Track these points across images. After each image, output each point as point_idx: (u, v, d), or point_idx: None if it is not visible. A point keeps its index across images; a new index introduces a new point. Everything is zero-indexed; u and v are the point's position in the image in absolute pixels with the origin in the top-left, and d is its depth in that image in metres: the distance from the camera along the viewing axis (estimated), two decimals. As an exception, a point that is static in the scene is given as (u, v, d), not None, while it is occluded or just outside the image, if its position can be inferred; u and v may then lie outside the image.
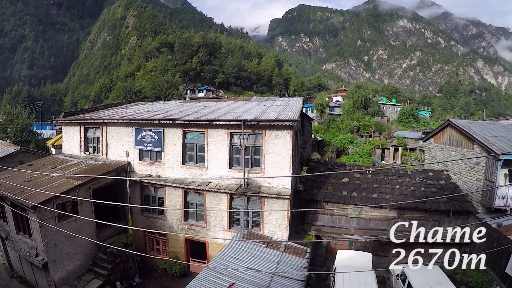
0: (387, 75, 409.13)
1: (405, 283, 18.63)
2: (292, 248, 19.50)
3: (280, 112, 21.60)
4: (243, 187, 20.16)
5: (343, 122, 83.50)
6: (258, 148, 20.18)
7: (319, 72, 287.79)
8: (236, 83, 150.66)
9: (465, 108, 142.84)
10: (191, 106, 28.08)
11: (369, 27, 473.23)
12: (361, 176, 27.05)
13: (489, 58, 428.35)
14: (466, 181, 26.86)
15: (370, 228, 23.73)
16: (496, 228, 21.10)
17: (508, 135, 27.73)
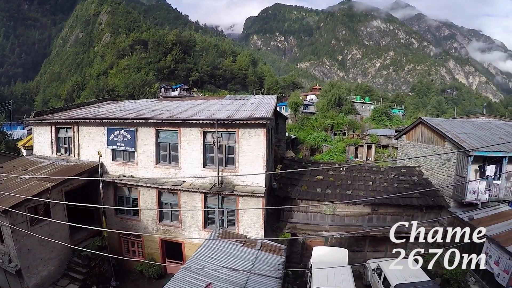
0: (360, 74, 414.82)
1: (381, 277, 19.06)
2: (268, 246, 19.61)
3: (253, 111, 21.62)
4: (217, 186, 20.07)
5: (317, 120, 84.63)
6: (231, 147, 20.13)
7: (293, 71, 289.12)
8: (210, 82, 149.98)
9: (437, 107, 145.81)
10: (165, 105, 27.75)
11: (344, 27, 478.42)
12: (335, 174, 27.34)
13: (460, 58, 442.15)
14: (438, 177, 27.50)
15: (345, 224, 24.09)
16: (468, 222, 21.83)
17: (478, 132, 28.58)
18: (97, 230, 21.12)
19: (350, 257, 21.88)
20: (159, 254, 22.72)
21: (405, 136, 34.42)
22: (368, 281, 21.34)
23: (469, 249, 20.54)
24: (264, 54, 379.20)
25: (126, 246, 23.89)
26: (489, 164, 24.46)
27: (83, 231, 20.77)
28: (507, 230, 19.80)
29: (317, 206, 24.12)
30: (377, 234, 23.27)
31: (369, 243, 24.42)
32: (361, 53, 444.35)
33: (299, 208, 24.03)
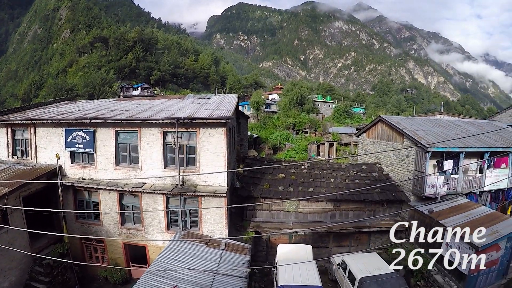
0: (322, 74, 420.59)
1: (346, 271, 19.41)
2: (233, 245, 19.53)
3: (214, 110, 21.40)
4: (179, 187, 19.79)
5: (279, 119, 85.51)
6: (192, 147, 19.89)
7: (256, 70, 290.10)
8: (172, 81, 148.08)
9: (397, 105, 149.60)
10: (124, 105, 27.07)
11: (307, 27, 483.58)
12: (297, 172, 27.63)
13: (420, 59, 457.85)
14: (397, 172, 28.23)
15: (308, 221, 24.45)
16: (428, 214, 22.77)
17: (435, 129, 29.73)
18: (58, 237, 20.31)
19: (315, 253, 22.27)
20: (123, 258, 22.14)
21: (365, 133, 35.10)
22: (333, 276, 21.70)
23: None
24: (227, 53, 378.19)
25: (88, 252, 23.07)
26: (446, 159, 25.53)
27: (43, 238, 19.99)
28: (465, 221, 20.77)
29: (280, 204, 24.32)
30: (340, 230, 23.82)
31: (333, 239, 24.92)
32: (323, 53, 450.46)
33: (262, 206, 24.17)
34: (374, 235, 25.72)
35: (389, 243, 25.15)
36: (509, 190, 29.44)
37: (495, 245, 18.54)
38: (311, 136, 74.11)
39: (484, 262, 18.14)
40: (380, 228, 25.02)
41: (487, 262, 18.49)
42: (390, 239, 10.25)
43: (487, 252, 18.14)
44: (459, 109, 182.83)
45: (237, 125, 34.07)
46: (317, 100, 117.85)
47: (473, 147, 26.23)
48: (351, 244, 25.37)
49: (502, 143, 28.76)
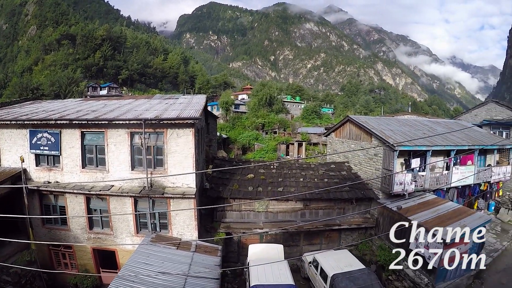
0: (292, 74, 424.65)
1: (318, 269, 19.63)
2: (203, 247, 19.34)
3: (182, 110, 21.09)
4: (147, 189, 19.40)
5: (248, 120, 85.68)
6: (160, 148, 19.55)
7: (225, 70, 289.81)
8: (140, 80, 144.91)
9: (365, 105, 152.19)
10: (91, 105, 26.32)
11: (277, 28, 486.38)
12: (266, 171, 27.64)
13: (388, 61, 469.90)
14: (366, 171, 28.67)
15: (278, 221, 24.48)
16: (397, 211, 23.15)
17: (403, 128, 30.39)
18: (24, 244, 19.54)
19: (286, 252, 22.41)
20: (92, 264, 21.43)
21: (334, 133, 35.47)
22: (306, 274, 21.86)
23: (399, 236, 21.91)
24: (197, 53, 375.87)
25: (57, 259, 22.19)
26: (414, 157, 26.13)
27: (9, 245, 19.16)
28: (433, 217, 21.43)
29: (250, 204, 24.26)
30: (310, 228, 24.02)
31: (304, 237, 25.11)
32: (293, 54, 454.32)
33: (232, 207, 24.06)
34: (345, 232, 26.10)
35: (359, 240, 25.73)
36: (475, 186, 30.70)
37: (463, 239, 19.05)
38: (280, 136, 74.47)
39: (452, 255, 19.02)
40: (350, 226, 25.45)
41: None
42: (390, 239, 10.24)
43: (455, 245, 18.73)
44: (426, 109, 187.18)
45: (206, 126, 33.77)
46: (286, 100, 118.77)
47: (439, 146, 26.97)
48: (322, 242, 25.63)
49: (467, 141, 29.82)
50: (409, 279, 20.54)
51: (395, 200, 24.87)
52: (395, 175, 24.29)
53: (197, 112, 20.12)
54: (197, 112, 20.30)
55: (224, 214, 24.26)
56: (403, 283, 20.92)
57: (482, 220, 21.39)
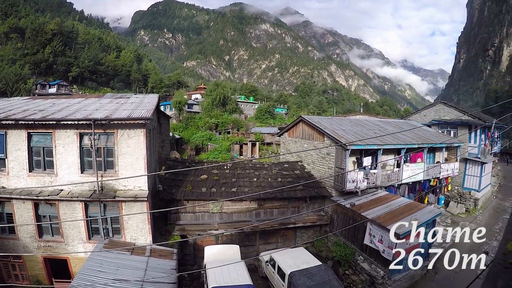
0: (246, 74, 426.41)
1: (275, 268, 19.81)
2: (158, 251, 18.91)
3: (133, 110, 20.40)
4: (98, 193, 18.59)
5: (201, 120, 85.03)
6: (110, 149, 18.77)
7: (179, 69, 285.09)
8: (91, 78, 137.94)
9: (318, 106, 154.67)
10: (38, 104, 24.93)
11: (233, 28, 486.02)
12: (219, 172, 27.47)
13: (341, 63, 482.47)
14: (319, 170, 29.13)
15: (233, 221, 24.39)
16: (350, 208, 23.75)
17: (355, 128, 31.18)
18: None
19: (243, 252, 22.40)
20: (44, 274, 20.22)
21: (287, 133, 35.88)
22: (263, 273, 22.01)
23: (354, 232, 22.71)
24: (151, 50, 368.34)
25: (6, 270, 20.68)
26: (365, 156, 26.95)
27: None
28: (386, 212, 22.21)
29: (204, 206, 23.99)
30: (266, 228, 24.09)
31: (260, 237, 25.19)
32: (248, 54, 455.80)
33: (185, 209, 23.58)
34: (300, 230, 26.47)
35: (314, 237, 26.07)
36: (425, 182, 32.31)
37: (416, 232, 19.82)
38: (234, 136, 74.70)
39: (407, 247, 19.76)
40: (305, 224, 25.78)
41: (409, 248, 19.85)
42: (390, 239, 10.29)
43: (408, 238, 19.50)
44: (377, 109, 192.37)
45: (158, 126, 32.98)
46: (240, 100, 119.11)
47: (390, 144, 27.97)
48: (278, 241, 25.85)
49: (417, 140, 31.21)
50: (365, 273, 21.15)
51: (348, 198, 25.60)
52: (348, 173, 24.85)
53: (149, 112, 19.52)
54: (149, 112, 19.69)
55: (178, 216, 23.81)
56: (359, 276, 21.50)
57: (432, 214, 22.50)
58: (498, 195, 43.67)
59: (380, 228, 20.48)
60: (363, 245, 22.08)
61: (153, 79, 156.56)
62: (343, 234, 24.38)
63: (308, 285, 17.23)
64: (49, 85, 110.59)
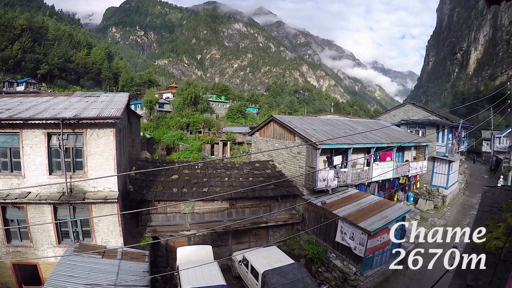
0: (218, 74, 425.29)
1: (248, 267, 19.86)
2: (130, 253, 18.52)
3: (103, 109, 19.87)
4: (67, 195, 18.00)
5: (172, 119, 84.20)
6: (79, 150, 18.24)
7: (151, 67, 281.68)
8: (61, 76, 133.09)
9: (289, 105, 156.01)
10: (5, 102, 24.02)
11: (206, 27, 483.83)
12: (190, 172, 27.27)
13: (313, 64, 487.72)
14: (290, 169, 29.34)
15: (205, 221, 24.30)
16: (321, 206, 24.01)
17: (325, 128, 31.54)
18: None
19: (216, 252, 22.32)
20: (14, 281, 19.30)
21: (258, 132, 35.97)
22: (237, 273, 21.99)
23: (325, 230, 23.08)
24: (122, 48, 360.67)
25: None
26: (336, 155, 27.29)
27: None
28: (356, 210, 22.62)
29: (175, 206, 23.76)
30: (238, 227, 24.10)
31: (232, 237, 25.17)
32: (220, 53, 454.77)
33: (157, 210, 23.30)
34: (272, 229, 26.61)
35: (287, 236, 26.29)
36: (394, 180, 33.12)
37: (385, 228, 20.49)
38: (205, 135, 74.36)
39: (377, 244, 20.20)
40: (277, 223, 25.98)
41: (380, 244, 20.45)
42: (390, 239, 10.37)
43: (379, 235, 19.97)
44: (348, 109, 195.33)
45: (129, 125, 32.46)
46: (211, 100, 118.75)
47: (360, 144, 28.53)
48: (250, 240, 25.90)
49: (386, 139, 31.91)
50: (338, 270, 21.42)
51: (319, 196, 25.90)
52: (318, 172, 25.20)
53: (119, 111, 19.08)
54: (119, 111, 19.24)
55: (149, 217, 23.52)
56: (332, 273, 21.77)
57: (402, 211, 23.12)
58: (465, 192, 45.37)
59: (351, 226, 20.84)
60: (335, 243, 22.39)
61: (124, 78, 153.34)
62: (315, 232, 24.63)
63: (281, 284, 17.33)
64: (17, 83, 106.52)
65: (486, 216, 10.03)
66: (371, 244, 19.94)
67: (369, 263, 20.74)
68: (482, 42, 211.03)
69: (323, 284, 21.73)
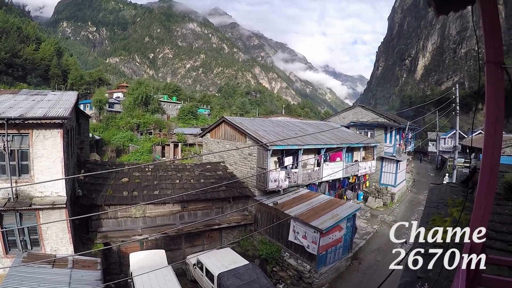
0: (170, 74, 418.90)
1: (203, 270, 19.75)
2: (81, 262, 17.76)
3: (50, 108, 18.75)
4: (13, 201, 16.84)
5: (123, 120, 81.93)
6: (25, 152, 17.09)
7: (101, 65, 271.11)
8: (7, 72, 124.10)
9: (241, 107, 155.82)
10: None
11: (160, 25, 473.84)
12: (141, 175, 26.67)
13: (266, 66, 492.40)
14: (241, 170, 29.48)
15: (157, 225, 23.76)
16: (273, 206, 24.32)
17: (276, 129, 32.03)
18: None
19: (169, 256, 21.93)
20: None
21: (209, 134, 35.82)
22: (192, 276, 21.73)
23: (278, 230, 23.46)
24: (72, 44, 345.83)
25: None
26: (286, 156, 27.83)
27: None
28: (308, 209, 23.13)
29: (126, 210, 23.03)
30: (191, 230, 23.82)
31: (185, 240, 24.86)
32: (173, 53, 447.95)
33: (107, 214, 22.50)
34: (225, 231, 26.59)
35: (240, 237, 26.40)
36: (344, 179, 34.37)
37: (337, 226, 21.27)
38: (156, 137, 73.37)
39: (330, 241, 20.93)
40: (230, 224, 25.95)
41: (332, 241, 21.09)
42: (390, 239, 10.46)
43: (331, 233, 20.62)
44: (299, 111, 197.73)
45: (77, 126, 31.11)
46: (163, 100, 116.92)
47: (310, 145, 29.21)
48: (204, 243, 25.70)
49: (336, 140, 32.90)
50: (292, 268, 21.84)
51: (271, 196, 26.22)
52: (270, 173, 25.48)
53: (67, 111, 18.09)
54: (67, 110, 18.24)
55: (100, 223, 22.59)
56: (287, 272, 22.11)
57: (352, 209, 23.91)
58: (412, 190, 47.87)
59: (303, 225, 21.27)
60: (288, 242, 22.75)
61: (73, 75, 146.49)
62: (268, 233, 24.91)
63: (237, 285, 17.37)
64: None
65: (433, 211, 10.59)
66: (324, 242, 20.44)
67: (323, 261, 21.22)
68: (430, 50, 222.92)
69: (278, 283, 21.95)
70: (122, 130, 75.42)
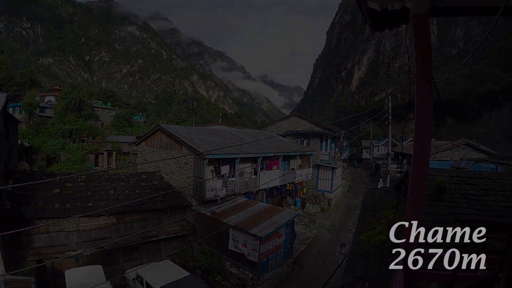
0: (106, 78, 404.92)
1: (143, 284, 19.07)
2: (14, 282, 16.40)
3: None
4: None
5: (54, 126, 76.70)
6: None
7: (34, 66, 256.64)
8: None
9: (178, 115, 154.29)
10: None
11: (98, 26, 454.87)
12: (73, 185, 25.38)
13: (204, 74, 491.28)
14: (178, 180, 29.24)
15: (92, 239, 22.68)
16: (211, 216, 24.38)
17: (213, 138, 32.17)
18: None
19: (107, 272, 20.84)
20: None
21: (144, 142, 35.23)
22: None
23: (218, 239, 23.50)
24: (4, 40, 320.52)
25: None
26: (223, 164, 27.99)
27: None
28: (247, 217, 23.37)
29: (59, 224, 21.74)
30: (128, 243, 23.02)
31: (123, 253, 23.94)
32: (109, 56, 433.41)
33: (39, 229, 20.98)
34: (164, 242, 25.99)
35: (179, 248, 26.12)
36: (281, 187, 35.14)
37: (276, 233, 21.69)
38: (89, 145, 70.02)
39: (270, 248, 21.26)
40: (168, 235, 25.46)
41: (273, 248, 21.49)
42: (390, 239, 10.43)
43: (271, 240, 21.07)
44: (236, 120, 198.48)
45: (6, 132, 29.19)
46: (97, 106, 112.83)
47: (247, 153, 29.73)
48: (142, 256, 24.92)
49: (273, 149, 33.57)
50: (235, 277, 21.79)
51: (209, 206, 26.14)
52: (207, 182, 25.50)
53: None
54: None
55: (31, 238, 21.11)
56: (230, 281, 22.00)
57: (290, 216, 24.42)
58: (349, 195, 50.09)
59: (242, 233, 21.46)
60: (228, 251, 22.80)
61: (3, 75, 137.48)
62: (208, 242, 24.80)
63: (179, 298, 17.13)
64: None
65: (368, 214, 11.13)
66: (264, 249, 20.74)
67: (264, 267, 21.46)
68: (365, 63, 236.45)
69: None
70: (53, 137, 71.50)
